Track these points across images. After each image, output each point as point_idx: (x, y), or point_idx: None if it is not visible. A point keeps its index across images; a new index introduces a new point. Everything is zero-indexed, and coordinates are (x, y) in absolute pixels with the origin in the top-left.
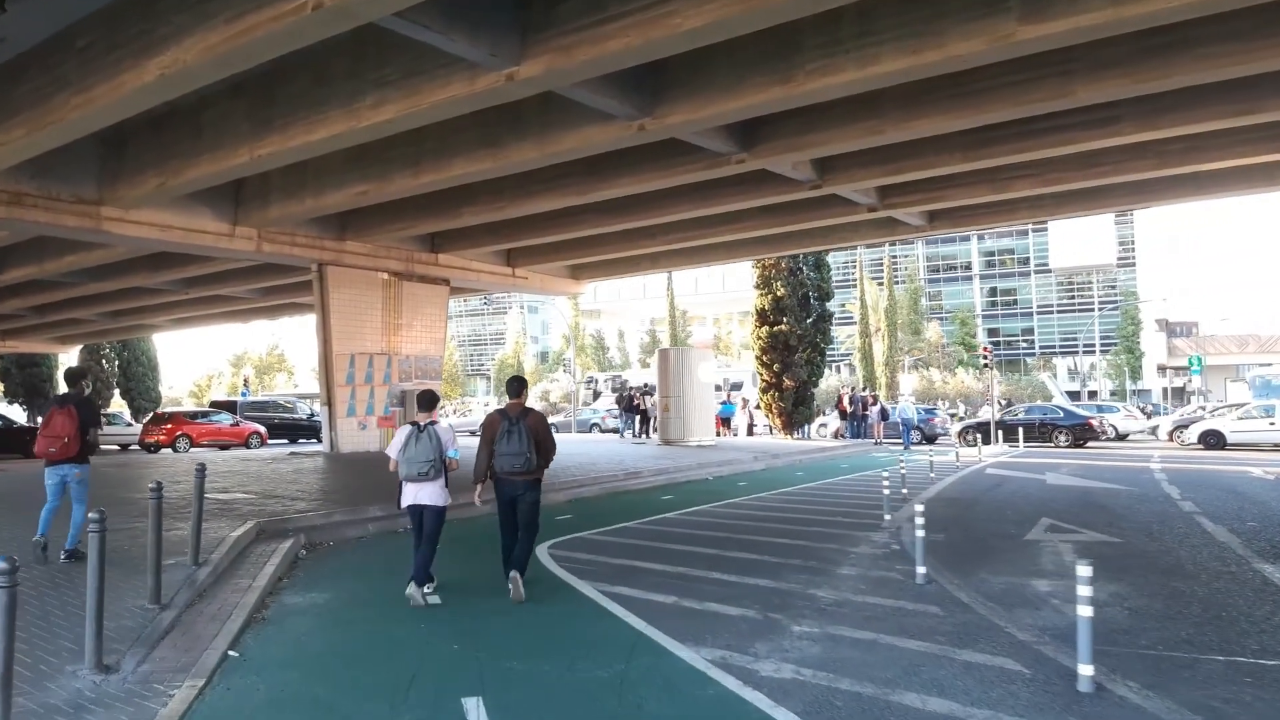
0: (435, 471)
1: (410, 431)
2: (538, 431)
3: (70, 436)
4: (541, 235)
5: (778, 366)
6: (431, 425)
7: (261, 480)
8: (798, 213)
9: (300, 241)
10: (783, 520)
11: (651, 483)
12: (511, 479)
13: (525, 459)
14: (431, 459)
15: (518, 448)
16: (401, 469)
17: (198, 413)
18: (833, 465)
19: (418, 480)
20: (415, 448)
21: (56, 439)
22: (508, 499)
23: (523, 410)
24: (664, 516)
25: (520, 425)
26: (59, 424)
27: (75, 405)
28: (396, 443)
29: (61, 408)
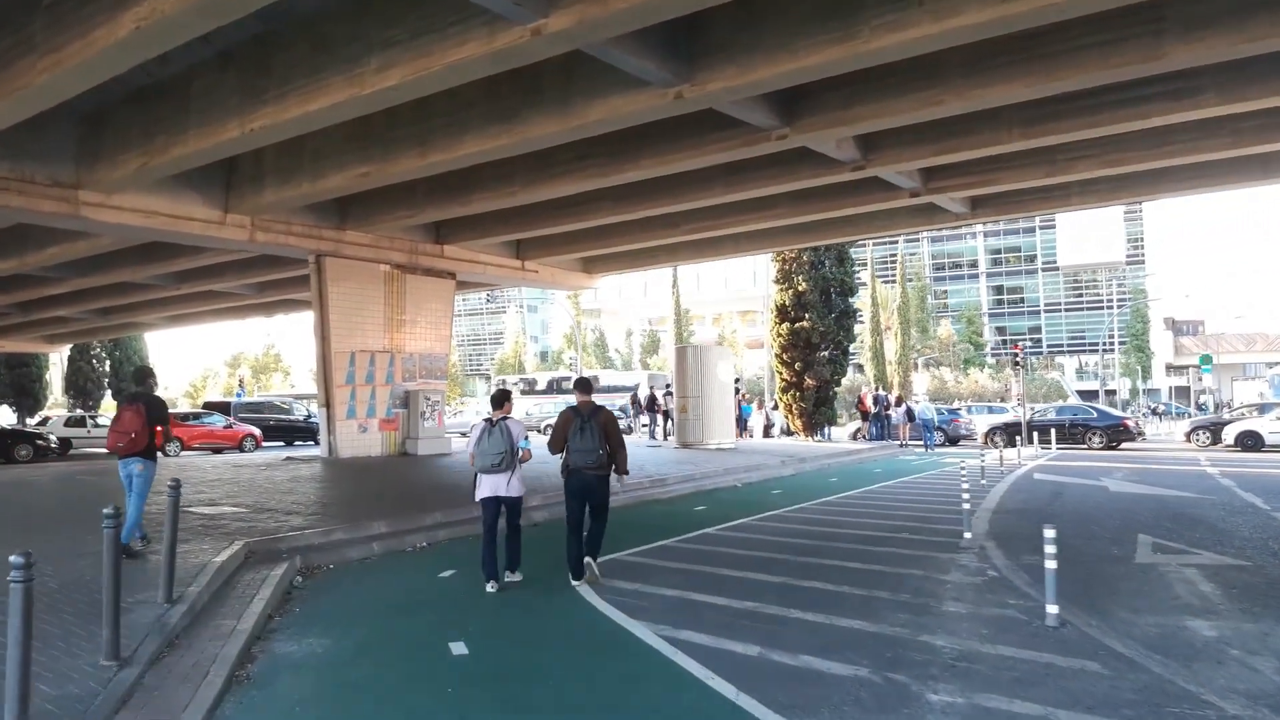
0: (507, 463)
1: (484, 426)
2: (607, 428)
3: (137, 432)
4: (555, 224)
5: (799, 365)
6: (504, 420)
7: (253, 490)
8: (833, 198)
9: (296, 230)
10: (842, 538)
11: (679, 491)
12: (583, 472)
13: (596, 454)
14: (503, 451)
15: (590, 444)
16: (476, 462)
17: (189, 414)
18: (864, 470)
19: (491, 472)
20: (488, 441)
21: (124, 434)
22: (578, 492)
23: (593, 408)
24: (705, 533)
25: (592, 422)
26: (127, 420)
27: (144, 402)
28: (472, 438)
29: (130, 405)
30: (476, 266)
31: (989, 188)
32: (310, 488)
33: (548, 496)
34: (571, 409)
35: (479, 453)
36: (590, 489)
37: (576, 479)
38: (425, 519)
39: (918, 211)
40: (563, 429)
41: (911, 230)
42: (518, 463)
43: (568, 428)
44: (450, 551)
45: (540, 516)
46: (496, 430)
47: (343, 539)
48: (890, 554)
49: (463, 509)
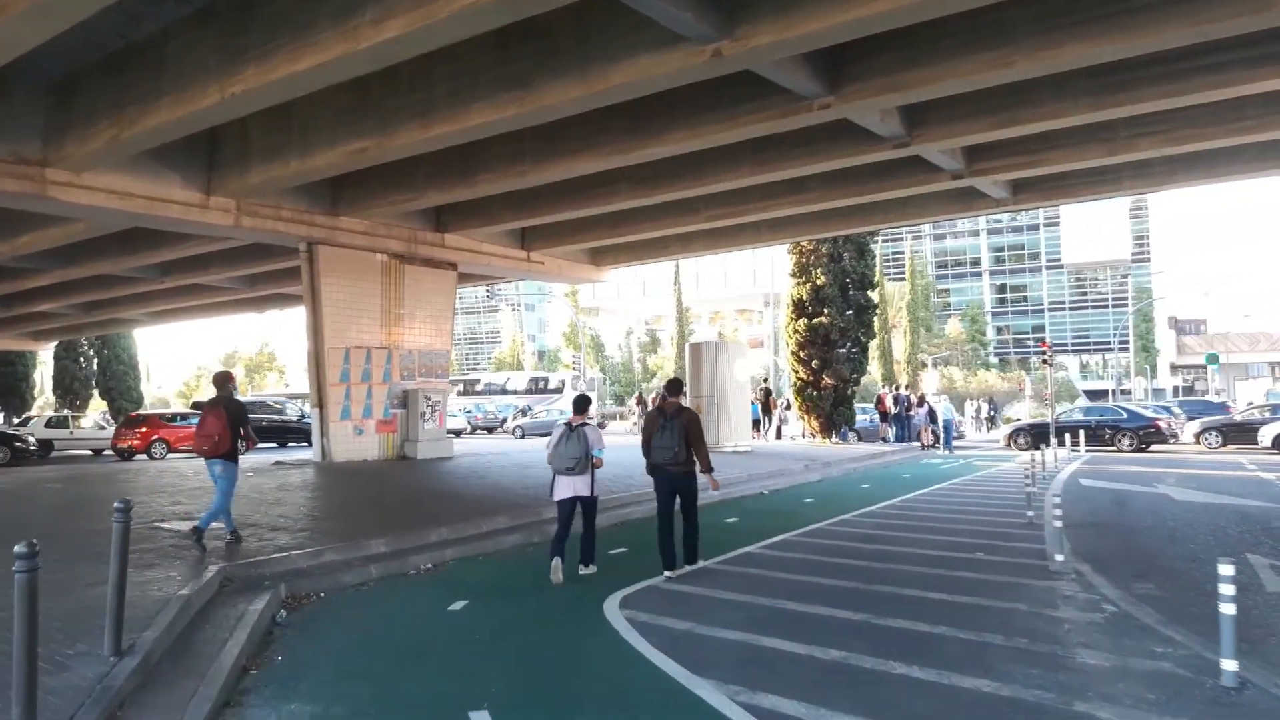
0: (581, 467)
1: (563, 431)
2: (689, 429)
3: (220, 434)
4: (565, 209)
5: (816, 363)
6: (582, 426)
7: (237, 501)
8: (866, 181)
9: (286, 216)
10: (907, 558)
11: (702, 499)
12: (665, 469)
13: (674, 452)
14: (578, 456)
15: (669, 442)
16: (554, 464)
17: (176, 415)
18: (894, 476)
19: (567, 474)
20: (565, 445)
21: (208, 438)
22: (667, 489)
23: (677, 409)
24: (746, 552)
25: (674, 423)
26: (210, 424)
27: (224, 406)
28: (551, 440)
29: (213, 409)
30: (479, 257)
31: (1037, 169)
32: (300, 497)
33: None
34: (657, 409)
35: (557, 455)
36: (675, 485)
37: (661, 475)
38: (429, 535)
39: (955, 197)
40: (648, 429)
41: (946, 217)
42: (592, 466)
43: (652, 428)
44: (460, 576)
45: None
46: (575, 435)
47: (336, 561)
48: (975, 581)
49: (471, 524)
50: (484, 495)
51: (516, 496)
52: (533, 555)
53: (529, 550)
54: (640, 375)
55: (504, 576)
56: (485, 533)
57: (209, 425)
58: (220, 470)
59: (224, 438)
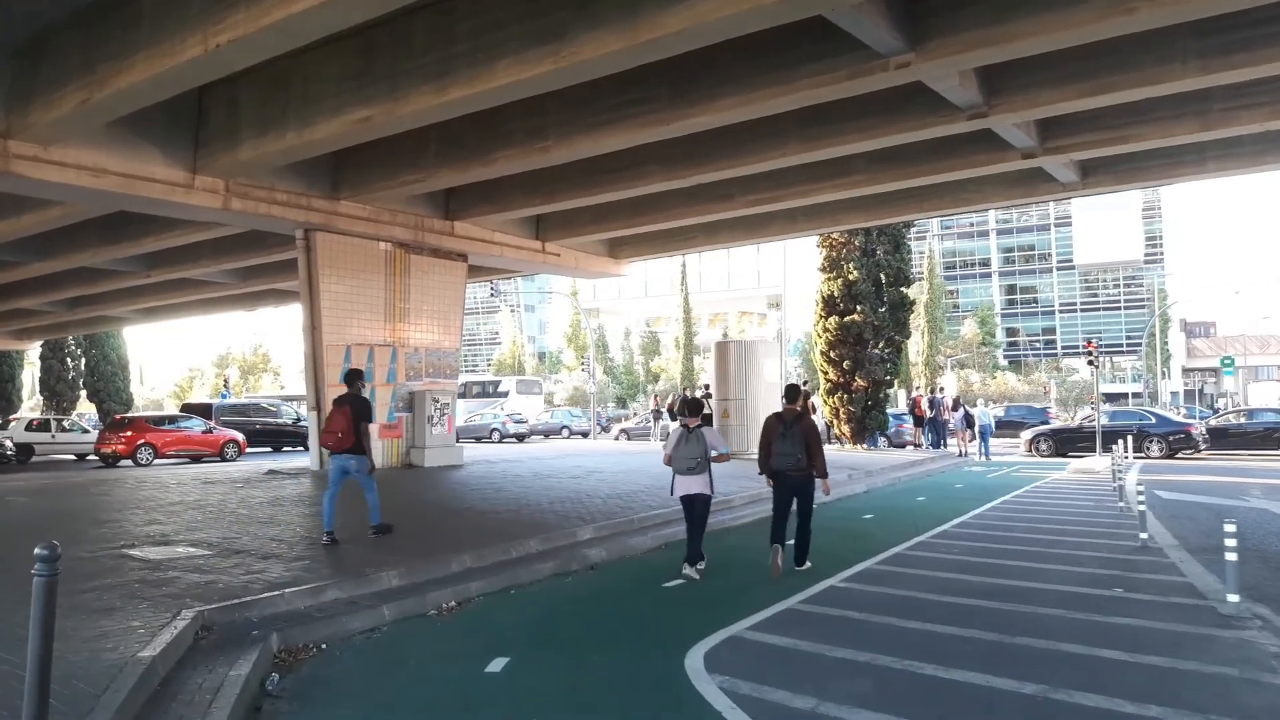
0: (701, 467)
1: (681, 433)
2: (808, 436)
3: (344, 431)
4: (587, 193)
5: (848, 364)
6: (699, 428)
7: (222, 518)
8: (921, 161)
9: (281, 199)
10: (1037, 598)
11: (750, 515)
12: (785, 475)
13: (796, 458)
14: (698, 457)
15: (790, 448)
16: (675, 464)
17: (164, 418)
18: (944, 486)
19: (687, 474)
20: (685, 446)
21: (333, 434)
22: (786, 493)
23: (796, 416)
24: (829, 586)
25: (794, 429)
26: (337, 421)
27: (350, 404)
28: (670, 442)
29: (340, 407)
30: (491, 248)
31: (1116, 147)
32: (296, 514)
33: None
34: (776, 415)
35: (676, 456)
36: (794, 489)
37: (781, 479)
38: (450, 564)
39: (1017, 180)
40: (768, 435)
41: (1004, 204)
42: (710, 465)
43: (772, 434)
44: (492, 618)
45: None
46: (693, 436)
47: (340, 600)
48: (1141, 631)
49: (498, 549)
50: (507, 512)
51: (544, 515)
52: (574, 589)
53: (568, 583)
54: (644, 378)
55: (547, 620)
56: (515, 560)
57: (335, 422)
58: (355, 465)
59: (348, 433)
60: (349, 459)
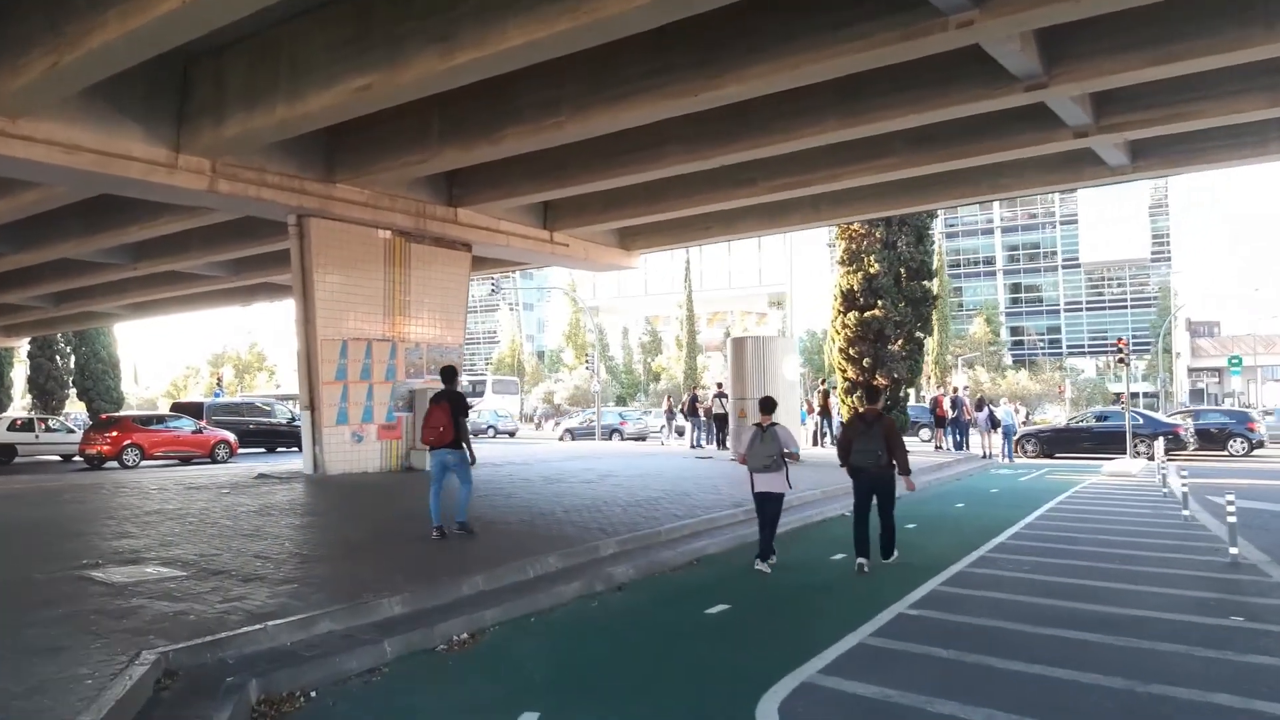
0: (776, 465)
1: (756, 432)
2: (889, 434)
3: (445, 426)
4: (601, 176)
5: (867, 361)
6: (772, 426)
7: (203, 531)
8: (963, 141)
9: (272, 181)
10: (1154, 630)
11: (783, 524)
12: (866, 471)
13: (876, 456)
14: (773, 455)
15: (872, 446)
16: (750, 462)
17: (152, 417)
18: (979, 491)
19: (763, 472)
20: (760, 445)
21: (434, 429)
22: (866, 490)
23: (877, 415)
24: (900, 613)
25: (875, 428)
26: (436, 416)
27: (449, 399)
28: (744, 440)
29: (438, 403)
30: (496, 236)
31: (1176, 124)
32: (285, 526)
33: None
34: (858, 415)
35: (752, 454)
36: (875, 485)
37: (862, 476)
38: (460, 586)
39: (1061, 163)
40: (848, 433)
41: (1043, 190)
42: (786, 463)
43: (853, 432)
44: (512, 655)
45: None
46: (768, 434)
47: (333, 633)
48: None
49: (512, 567)
50: (519, 523)
51: (561, 526)
52: (603, 616)
53: (595, 608)
54: (644, 377)
55: (577, 658)
56: (533, 580)
57: (435, 417)
58: (453, 460)
59: (448, 429)
60: (448, 454)
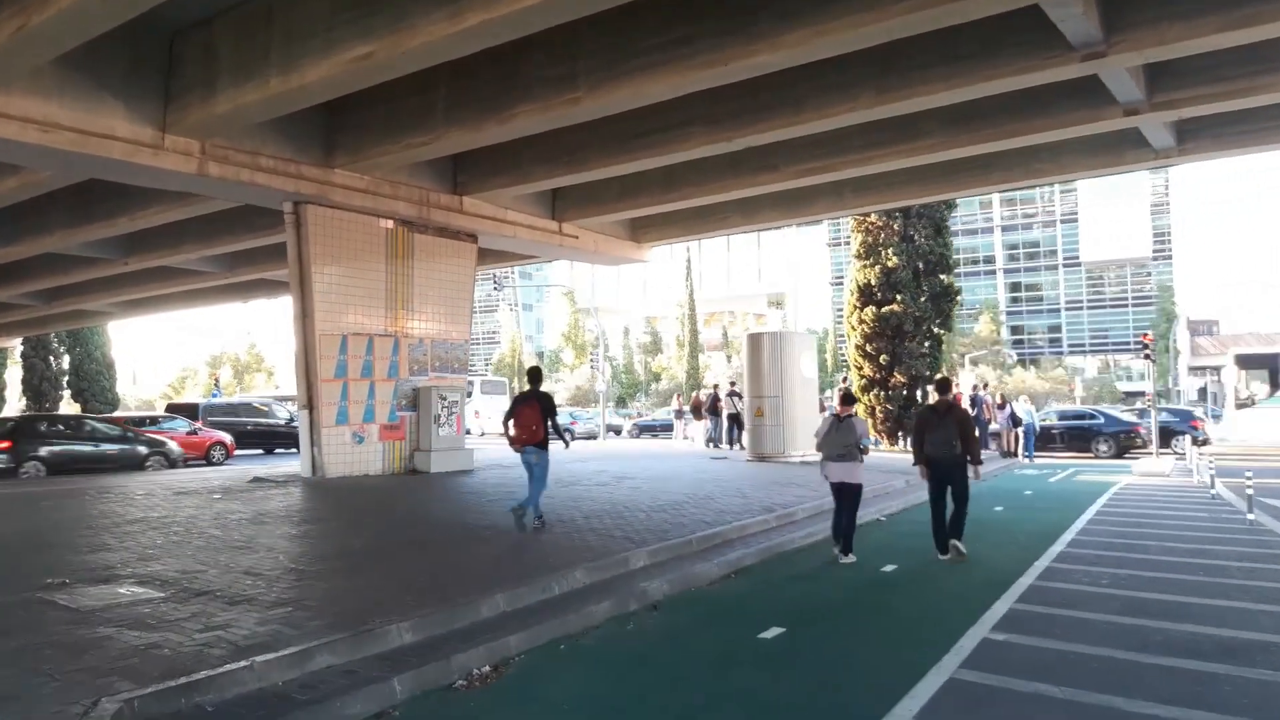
0: (851, 455)
1: (832, 421)
2: (962, 424)
3: (537, 425)
4: (617, 160)
5: (885, 358)
6: (849, 418)
7: (188, 542)
8: (1006, 120)
9: (266, 165)
10: (1270, 653)
11: (817, 532)
12: (940, 461)
13: (950, 446)
14: (849, 444)
15: (944, 436)
16: (825, 451)
17: (144, 419)
18: (1013, 493)
19: (837, 460)
20: (835, 434)
21: (525, 427)
22: (939, 478)
23: (948, 406)
24: (984, 639)
25: (948, 419)
26: (527, 415)
27: (538, 399)
28: (820, 429)
29: (527, 403)
30: (503, 227)
31: (1236, 101)
32: (280, 536)
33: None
34: (930, 407)
35: (826, 442)
36: (948, 474)
37: (936, 466)
38: (479, 608)
39: (1103, 146)
40: (922, 425)
41: (1083, 173)
42: (859, 455)
43: (926, 424)
44: (542, 692)
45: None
46: (844, 425)
47: (333, 668)
48: None
49: (536, 585)
50: (539, 532)
51: (582, 534)
52: (641, 642)
53: (630, 631)
54: (644, 377)
55: (619, 693)
56: (559, 599)
57: (526, 416)
58: (535, 459)
59: (540, 427)
60: (532, 452)
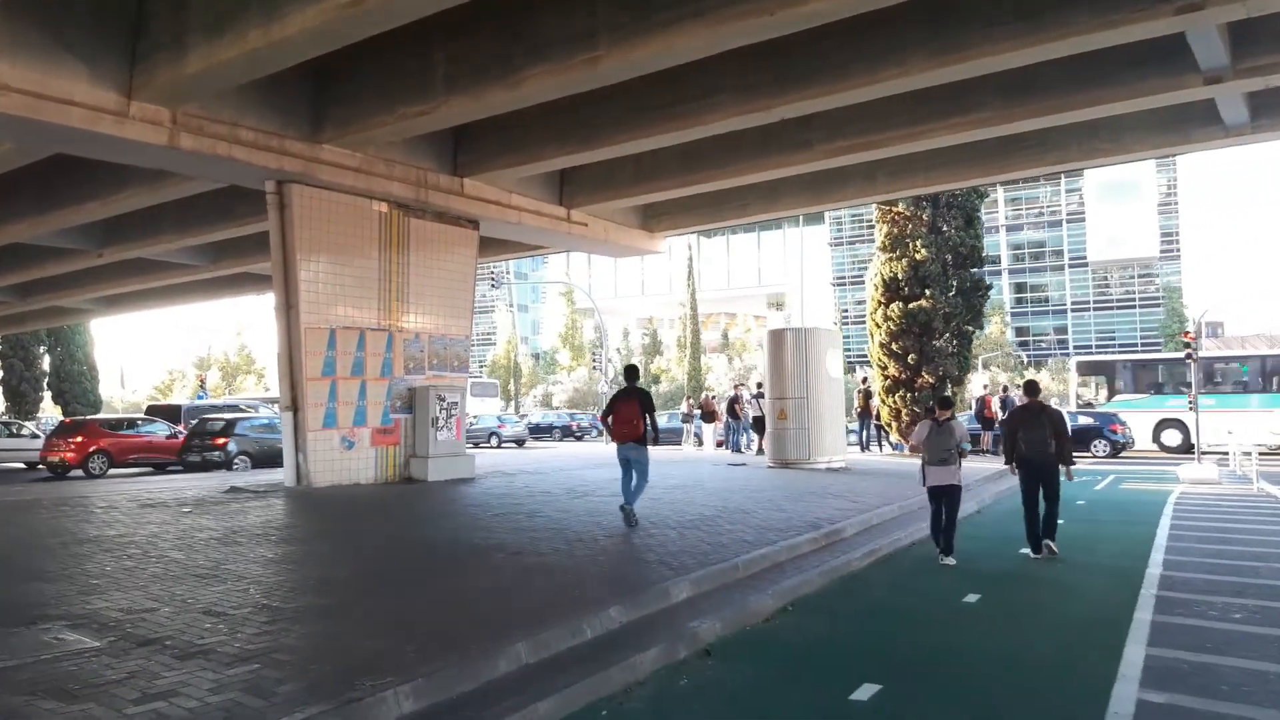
0: (952, 458)
1: (932, 425)
2: (1056, 423)
3: (637, 420)
4: (636, 135)
5: (913, 357)
6: (949, 421)
7: (143, 569)
8: (1068, 90)
9: (246, 137)
10: None
11: (876, 550)
12: (1035, 462)
13: (1045, 446)
14: (950, 448)
15: (1040, 437)
16: (927, 455)
17: (122, 421)
18: (1065, 502)
19: (939, 465)
20: (937, 438)
21: (627, 422)
22: (1032, 479)
23: (1041, 407)
24: (1143, 699)
25: (1041, 418)
26: (626, 411)
27: (637, 396)
28: (920, 434)
29: (627, 399)
30: (507, 212)
31: None
32: (254, 560)
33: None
34: (1022, 407)
35: (928, 447)
36: (1043, 475)
37: (1029, 466)
38: (497, 660)
39: (1170, 120)
40: (1014, 425)
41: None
42: (959, 458)
43: (1019, 424)
44: None
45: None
46: (945, 429)
47: None
48: None
49: (565, 626)
50: (555, 554)
51: (609, 556)
52: (696, 699)
53: (684, 687)
54: (643, 378)
55: None
56: (592, 644)
57: (626, 412)
58: (635, 455)
59: (640, 422)
60: (631, 448)
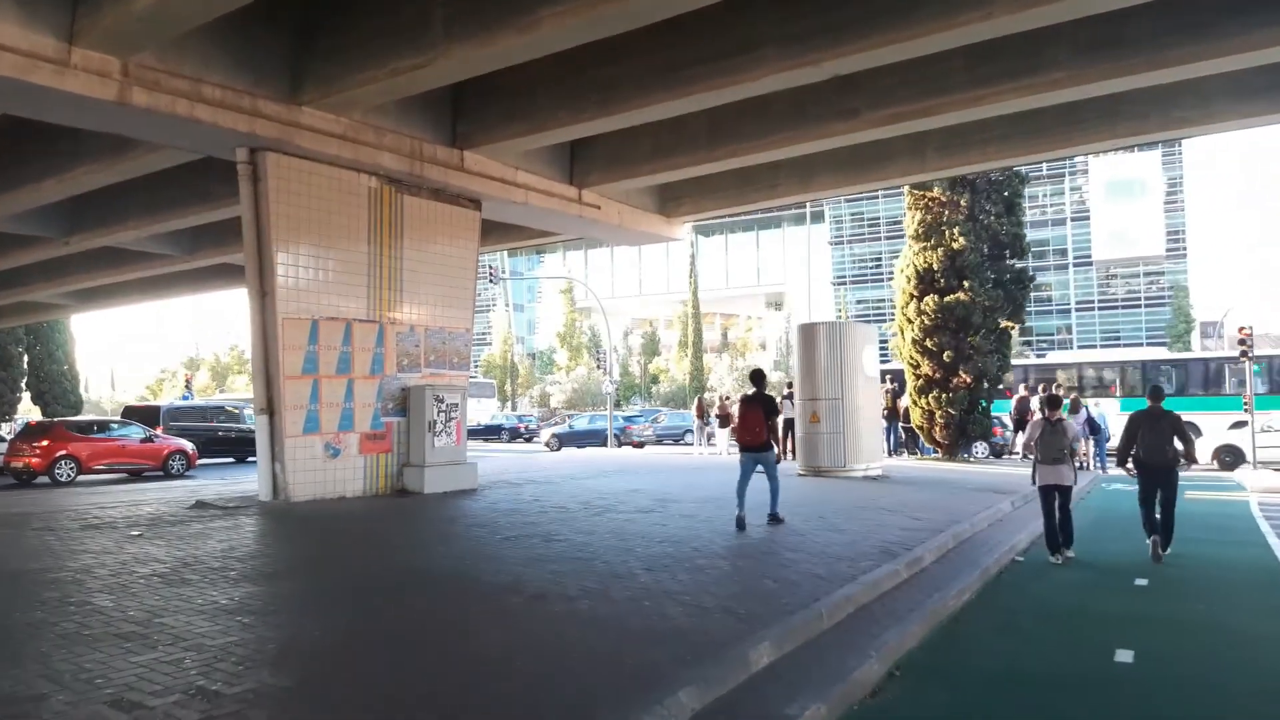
0: (1065, 458)
1: (1044, 425)
2: (1176, 428)
3: (760, 427)
4: (662, 99)
5: (949, 355)
6: (1061, 421)
7: (53, 623)
8: (1156, 47)
9: (212, 95)
10: None
11: (966, 585)
12: (1153, 466)
13: (1164, 451)
14: (1062, 448)
15: (1159, 440)
16: (1039, 453)
17: (92, 423)
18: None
19: (1052, 464)
20: (1050, 437)
21: (750, 429)
22: (1151, 483)
23: (1162, 412)
24: None
25: (1161, 423)
26: (751, 418)
27: (761, 402)
28: (1032, 434)
29: (750, 406)
30: (512, 190)
31: None
32: (200, 611)
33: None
34: (1142, 412)
35: (1041, 445)
36: (1160, 478)
37: (1148, 470)
38: None
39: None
40: (1133, 428)
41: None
42: (1072, 456)
43: (1138, 428)
44: None
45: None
46: (1057, 428)
47: None
48: None
49: (623, 709)
50: (584, 597)
51: (655, 599)
52: None
53: None
54: (640, 379)
55: None
56: None
57: (750, 419)
58: (762, 461)
59: (762, 429)
60: (759, 455)
